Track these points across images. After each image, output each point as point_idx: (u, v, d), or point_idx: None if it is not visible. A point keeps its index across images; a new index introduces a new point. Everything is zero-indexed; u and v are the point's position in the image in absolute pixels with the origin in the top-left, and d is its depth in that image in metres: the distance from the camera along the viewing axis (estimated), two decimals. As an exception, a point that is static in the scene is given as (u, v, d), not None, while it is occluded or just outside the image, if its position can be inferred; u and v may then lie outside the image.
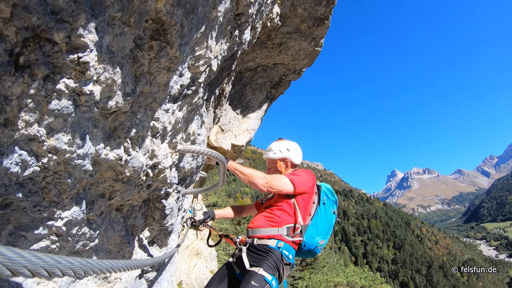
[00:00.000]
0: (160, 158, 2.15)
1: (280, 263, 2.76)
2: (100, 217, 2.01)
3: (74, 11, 1.05)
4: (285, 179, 3.01)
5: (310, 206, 3.17)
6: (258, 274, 2.62)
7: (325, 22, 5.67)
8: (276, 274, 2.71)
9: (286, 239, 2.87)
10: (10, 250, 0.63)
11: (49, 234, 1.55)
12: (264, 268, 2.67)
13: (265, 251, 2.80)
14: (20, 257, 0.64)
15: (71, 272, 0.82)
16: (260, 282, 2.57)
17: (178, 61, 1.80)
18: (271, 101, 7.95)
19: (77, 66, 1.15)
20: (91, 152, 1.46)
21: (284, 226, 2.92)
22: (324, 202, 3.25)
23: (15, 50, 1.00)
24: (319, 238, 3.07)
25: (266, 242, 2.85)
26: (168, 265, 4.04)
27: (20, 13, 0.94)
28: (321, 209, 3.20)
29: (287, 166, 3.40)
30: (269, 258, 2.74)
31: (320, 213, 3.17)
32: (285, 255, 2.81)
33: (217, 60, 2.59)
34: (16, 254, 0.64)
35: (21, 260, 0.64)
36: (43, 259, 0.71)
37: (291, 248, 2.90)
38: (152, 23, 1.53)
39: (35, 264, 0.68)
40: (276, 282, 2.70)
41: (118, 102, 1.46)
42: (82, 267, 0.88)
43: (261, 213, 3.15)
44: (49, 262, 0.73)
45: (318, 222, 3.12)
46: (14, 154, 1.13)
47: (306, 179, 3.10)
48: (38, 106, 1.12)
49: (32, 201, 1.35)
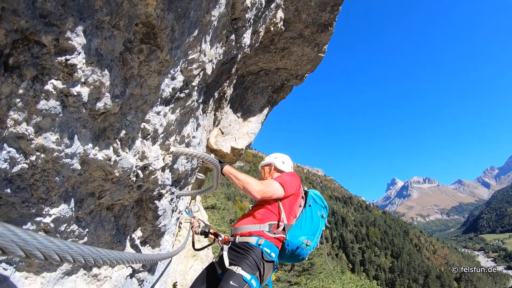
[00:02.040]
0: (150, 159, 2.16)
1: (260, 261, 2.74)
2: (90, 215, 2.03)
3: (62, 15, 1.09)
4: (276, 183, 3.04)
5: (296, 208, 3.19)
6: (236, 274, 2.60)
7: (329, 29, 5.69)
8: (256, 273, 2.69)
9: (267, 236, 2.86)
10: (24, 232, 0.65)
11: (37, 230, 1.58)
12: (243, 267, 2.65)
13: (245, 248, 2.78)
14: (33, 239, 0.67)
15: (81, 259, 0.84)
16: (238, 282, 2.55)
17: (169, 65, 1.82)
18: (272, 105, 7.95)
19: (65, 68, 1.18)
20: (79, 151, 1.48)
21: (266, 223, 2.92)
22: (310, 205, 3.28)
23: (4, 51, 1.04)
24: (304, 237, 3.04)
25: (247, 240, 2.84)
26: (161, 265, 4.05)
27: (9, 16, 0.98)
28: (306, 211, 3.23)
29: (270, 170, 3.53)
30: (249, 257, 2.72)
31: (306, 215, 3.19)
32: (266, 253, 2.79)
33: (212, 64, 2.61)
34: (30, 236, 0.66)
35: (34, 243, 0.66)
36: (56, 243, 0.73)
37: (273, 245, 2.87)
38: (142, 26, 1.56)
39: (48, 247, 0.70)
40: (256, 281, 2.68)
41: (107, 103, 1.49)
42: (92, 255, 0.90)
43: (247, 212, 3.18)
44: (61, 246, 0.75)
45: (302, 222, 3.12)
46: (2, 151, 1.16)
47: (292, 180, 3.15)
48: (26, 106, 1.15)
49: (21, 197, 1.38)
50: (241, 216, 3.23)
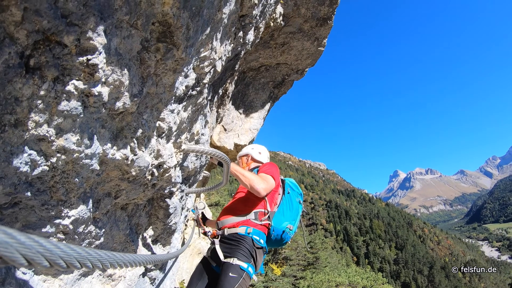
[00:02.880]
0: (165, 157, 2.17)
1: (252, 249, 2.86)
2: (106, 215, 2.04)
3: (83, 15, 1.08)
4: (270, 177, 3.16)
5: (276, 196, 3.34)
6: (233, 265, 2.70)
7: (328, 22, 5.67)
8: (251, 261, 2.80)
9: (254, 224, 2.99)
10: (48, 242, 0.65)
11: (56, 232, 1.58)
12: (238, 257, 2.75)
13: (236, 239, 2.89)
14: (57, 248, 0.67)
15: (99, 264, 0.85)
16: (237, 272, 2.66)
17: (183, 63, 1.82)
18: (274, 100, 7.95)
19: (86, 68, 1.17)
20: (98, 152, 1.48)
21: (252, 212, 3.06)
22: (289, 192, 3.44)
23: (25, 52, 1.02)
24: (287, 222, 3.20)
25: (236, 230, 2.95)
26: (171, 263, 4.07)
27: (31, 16, 0.96)
28: (286, 198, 3.39)
29: (248, 161, 3.73)
30: (241, 246, 2.83)
31: (286, 201, 3.36)
32: (256, 240, 2.91)
33: (221, 61, 2.61)
34: (53, 246, 0.66)
35: (58, 252, 0.66)
36: (77, 250, 0.74)
37: (260, 232, 3.00)
38: (159, 25, 1.55)
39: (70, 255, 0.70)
40: (253, 268, 2.79)
41: (126, 103, 1.48)
42: (109, 260, 0.90)
43: (228, 205, 3.30)
44: (82, 253, 0.75)
45: (284, 209, 3.29)
46: (23, 154, 1.15)
47: (277, 171, 3.30)
48: (47, 107, 1.14)
49: (40, 199, 1.37)
50: (224, 208, 3.34)
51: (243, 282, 2.65)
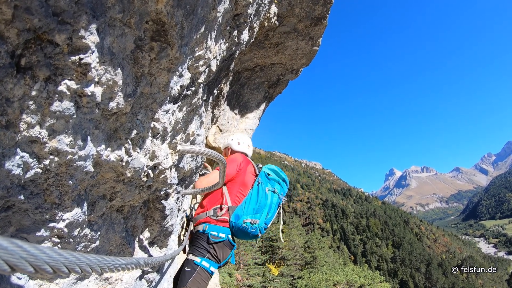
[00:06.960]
0: (160, 158, 2.15)
1: (208, 245, 3.01)
2: (101, 218, 2.01)
3: (75, 13, 1.05)
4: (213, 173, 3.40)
5: (244, 188, 3.39)
6: (188, 260, 2.94)
7: (322, 22, 5.67)
8: (206, 255, 2.97)
9: (212, 220, 3.13)
10: (33, 247, 0.64)
11: (50, 236, 1.55)
12: (192, 253, 2.97)
13: (196, 236, 3.11)
14: (42, 253, 0.65)
15: (89, 269, 0.83)
16: (191, 267, 2.89)
17: (178, 62, 1.80)
18: (269, 100, 7.94)
19: (78, 67, 1.15)
20: (92, 153, 1.46)
21: (211, 208, 3.20)
22: (259, 182, 3.41)
23: (16, 51, 1.00)
24: (247, 217, 3.16)
25: (197, 228, 3.17)
26: (168, 265, 4.04)
27: (22, 14, 0.94)
28: (253, 190, 3.38)
29: (227, 152, 3.89)
30: (197, 243, 3.03)
31: (253, 194, 3.35)
32: (212, 235, 3.04)
33: (216, 60, 2.60)
34: (38, 251, 0.64)
35: (43, 257, 0.65)
36: (64, 255, 0.72)
37: (220, 227, 3.11)
38: (153, 24, 1.53)
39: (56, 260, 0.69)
40: (209, 261, 2.95)
41: (119, 103, 1.46)
42: (99, 264, 0.89)
43: (200, 202, 3.47)
44: (69, 258, 0.74)
45: (246, 202, 3.28)
46: (16, 156, 1.13)
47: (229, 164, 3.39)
48: (39, 108, 1.12)
49: (34, 203, 1.35)
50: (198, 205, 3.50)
51: (197, 276, 2.85)
